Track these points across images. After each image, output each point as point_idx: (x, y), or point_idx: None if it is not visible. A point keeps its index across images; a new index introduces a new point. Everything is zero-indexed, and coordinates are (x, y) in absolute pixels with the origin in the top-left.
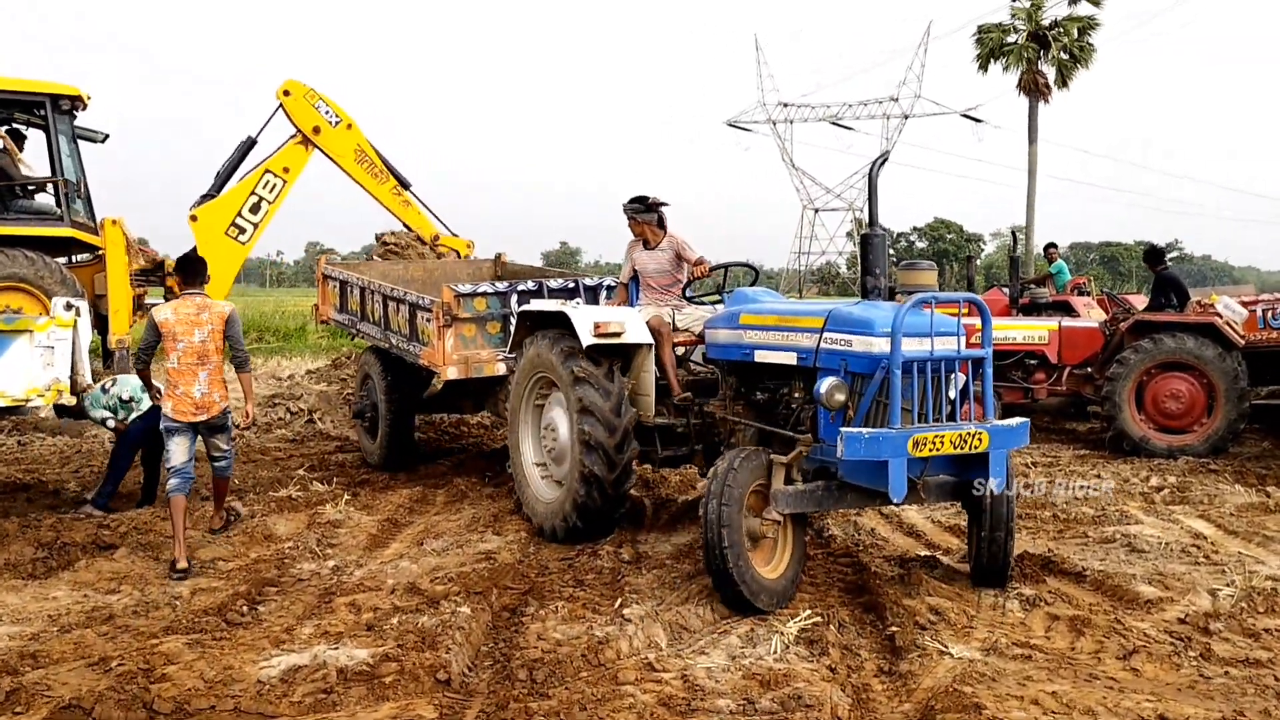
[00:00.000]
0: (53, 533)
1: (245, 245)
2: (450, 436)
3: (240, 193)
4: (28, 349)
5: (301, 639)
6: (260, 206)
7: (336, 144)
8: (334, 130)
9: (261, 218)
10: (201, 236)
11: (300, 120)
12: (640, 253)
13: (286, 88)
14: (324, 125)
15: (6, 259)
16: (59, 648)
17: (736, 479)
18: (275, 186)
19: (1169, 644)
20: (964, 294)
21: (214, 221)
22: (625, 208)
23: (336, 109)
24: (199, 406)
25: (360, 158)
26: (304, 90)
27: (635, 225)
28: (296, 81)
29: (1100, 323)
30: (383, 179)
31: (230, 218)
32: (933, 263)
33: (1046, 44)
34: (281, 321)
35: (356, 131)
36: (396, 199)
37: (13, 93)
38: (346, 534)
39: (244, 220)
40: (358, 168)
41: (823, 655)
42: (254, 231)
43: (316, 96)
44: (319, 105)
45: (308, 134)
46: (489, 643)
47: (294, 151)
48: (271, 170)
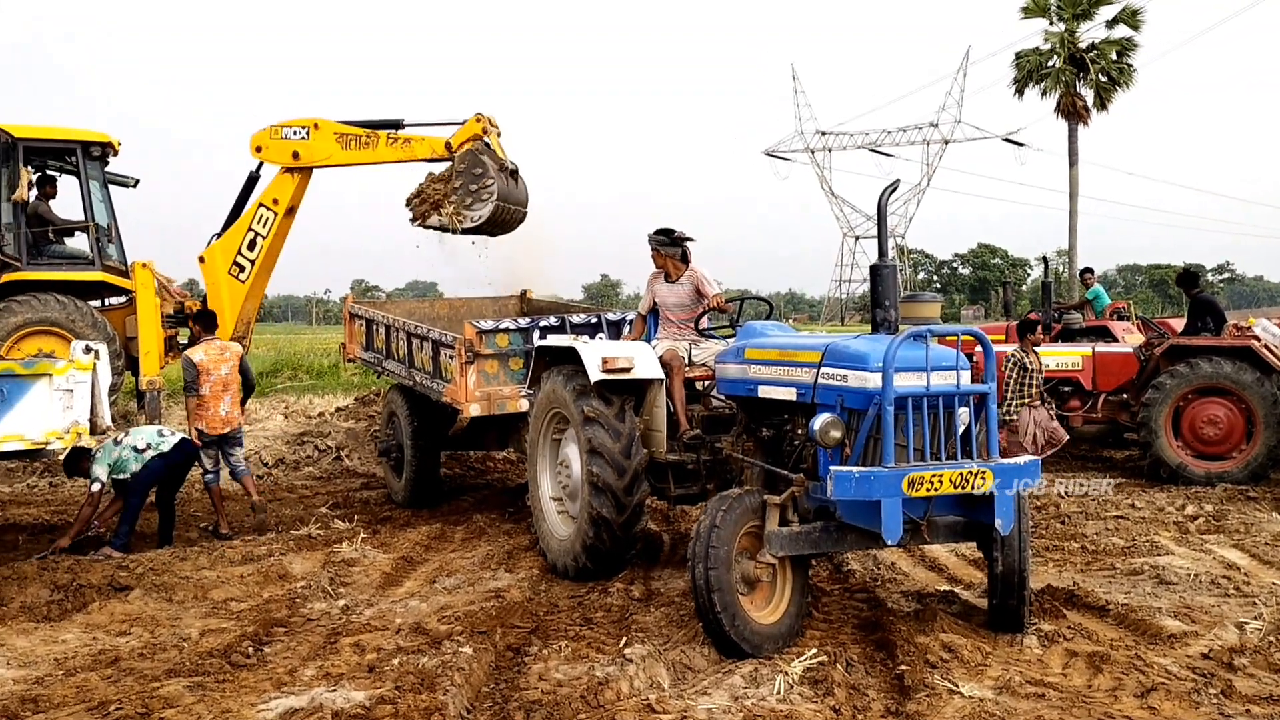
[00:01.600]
0: (69, 575)
1: (244, 284)
2: (475, 472)
3: (239, 230)
4: (47, 392)
5: (303, 681)
6: (256, 243)
7: (317, 151)
8: (308, 142)
9: (258, 254)
10: (209, 278)
11: (277, 158)
12: (661, 285)
13: (256, 144)
14: (299, 146)
15: (39, 303)
16: (61, 691)
17: (720, 537)
18: (267, 220)
19: (1190, 681)
20: (963, 326)
21: (219, 262)
22: (650, 239)
23: (299, 122)
24: (225, 422)
25: (344, 142)
26: (268, 133)
27: (658, 257)
28: (259, 132)
29: (1135, 348)
30: (373, 142)
31: (231, 257)
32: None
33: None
34: (314, 359)
35: (326, 125)
36: (394, 148)
37: (47, 141)
38: (360, 572)
39: (242, 258)
40: (346, 153)
41: (828, 695)
42: (251, 269)
43: (279, 129)
44: (285, 133)
45: (289, 163)
46: (490, 683)
47: (281, 181)
48: (264, 204)
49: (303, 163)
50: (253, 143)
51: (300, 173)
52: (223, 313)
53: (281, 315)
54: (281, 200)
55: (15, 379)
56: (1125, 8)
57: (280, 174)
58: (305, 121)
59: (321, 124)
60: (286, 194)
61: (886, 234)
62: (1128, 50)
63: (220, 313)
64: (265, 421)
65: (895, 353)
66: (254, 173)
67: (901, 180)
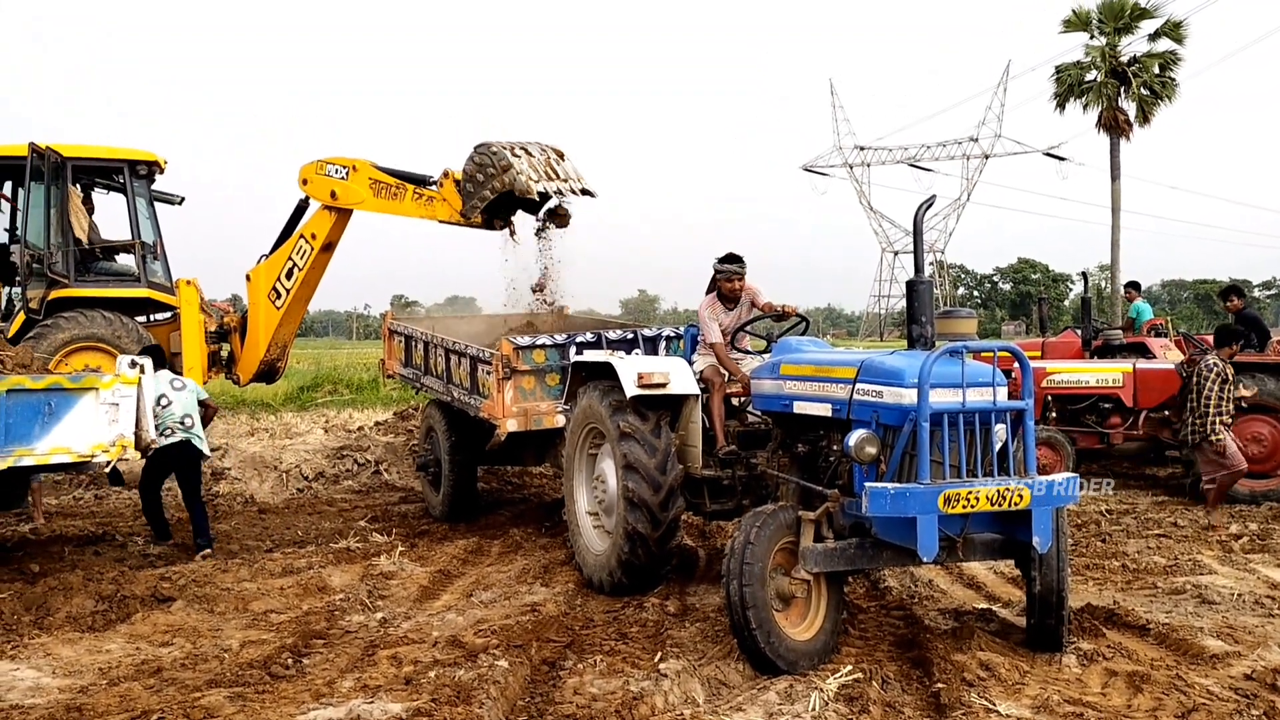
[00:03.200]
0: (114, 586)
1: (279, 310)
2: (513, 486)
3: (280, 258)
4: (93, 406)
5: (341, 692)
6: (293, 273)
7: (353, 194)
8: (346, 183)
9: (293, 284)
10: (251, 297)
11: (319, 194)
12: (722, 311)
13: (303, 176)
14: (337, 186)
15: (86, 319)
16: (105, 700)
17: (755, 553)
18: (305, 253)
19: (1232, 701)
20: (1000, 342)
21: (262, 283)
22: (725, 269)
23: (341, 161)
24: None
25: (376, 190)
26: (314, 168)
27: (731, 284)
28: (306, 165)
29: (1176, 364)
30: (400, 194)
31: (271, 283)
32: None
33: (1126, 80)
34: (353, 374)
35: (364, 168)
36: (419, 204)
37: (93, 160)
38: (398, 585)
39: (280, 285)
40: (377, 201)
41: (863, 713)
42: (287, 297)
43: (324, 165)
44: (328, 170)
45: (327, 201)
46: (525, 697)
47: (320, 217)
48: (303, 236)
49: (339, 203)
50: (300, 174)
51: (339, 211)
52: (256, 333)
53: (322, 330)
54: (319, 235)
55: (63, 393)
56: (1168, 21)
57: (321, 209)
58: (346, 162)
59: (360, 166)
60: (324, 230)
61: (923, 250)
62: (1171, 64)
63: (254, 333)
64: (305, 435)
65: (931, 369)
66: (303, 201)
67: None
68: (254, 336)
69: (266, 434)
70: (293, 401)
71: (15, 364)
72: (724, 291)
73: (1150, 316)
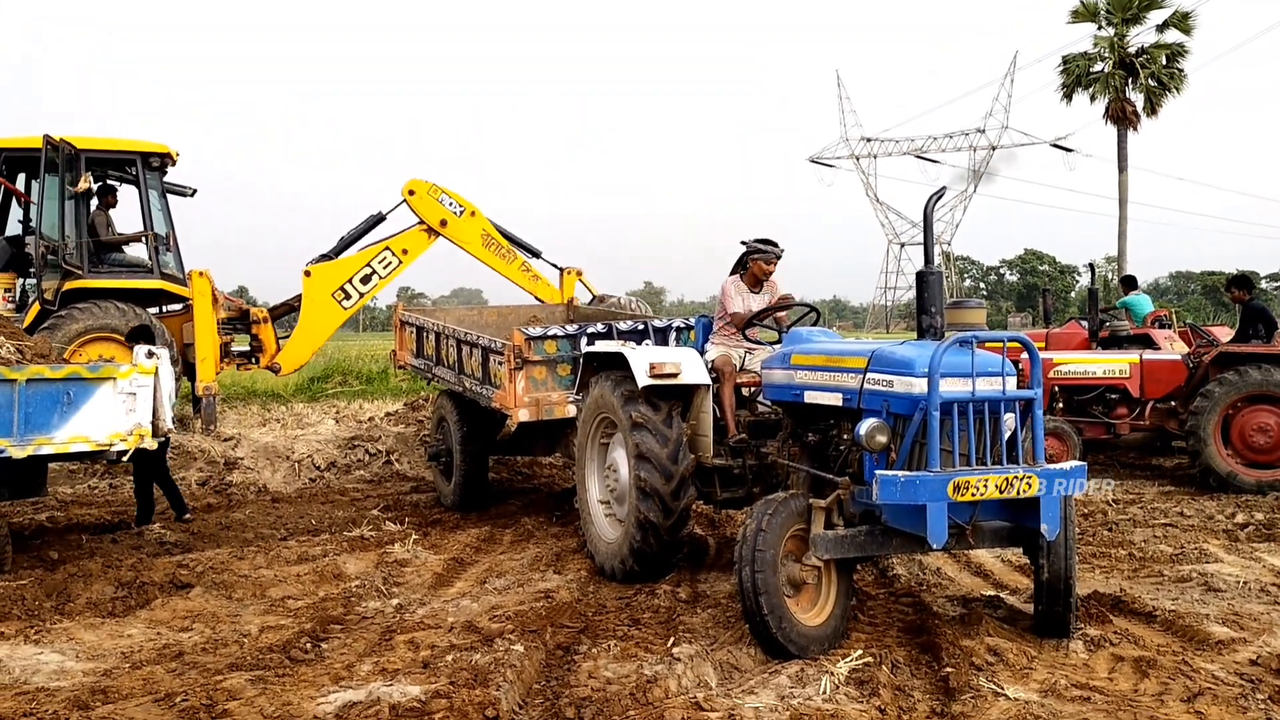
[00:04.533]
0: (133, 572)
1: (347, 310)
2: (523, 476)
3: (357, 262)
4: (111, 395)
5: (360, 676)
6: (371, 279)
7: (463, 233)
8: (459, 220)
9: (369, 289)
10: (309, 293)
11: (427, 215)
12: (746, 293)
13: (410, 187)
14: (450, 217)
15: (99, 310)
16: (129, 683)
17: (766, 540)
18: (391, 264)
19: (1237, 686)
20: (1009, 333)
21: (325, 282)
22: (764, 248)
23: (459, 199)
24: None
25: (487, 242)
26: (427, 187)
27: (765, 265)
28: (420, 180)
29: (1183, 355)
30: (510, 257)
31: (340, 282)
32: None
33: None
34: (363, 365)
35: (481, 218)
36: (525, 275)
37: (106, 152)
38: (413, 573)
39: (352, 288)
40: (485, 251)
41: (873, 696)
42: (358, 300)
43: (440, 191)
44: (443, 199)
45: (434, 226)
46: (540, 680)
47: (417, 237)
48: (392, 249)
49: (444, 234)
50: (408, 185)
51: (435, 235)
52: (313, 328)
53: None
54: (411, 253)
55: (81, 382)
56: (1176, 12)
57: (419, 230)
58: (464, 202)
59: (477, 215)
60: (419, 250)
61: (933, 241)
62: (1179, 55)
63: (310, 328)
64: (317, 426)
65: (941, 358)
66: (382, 213)
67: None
68: (310, 331)
69: (278, 424)
70: (303, 392)
71: (34, 354)
72: (757, 273)
73: (1150, 309)
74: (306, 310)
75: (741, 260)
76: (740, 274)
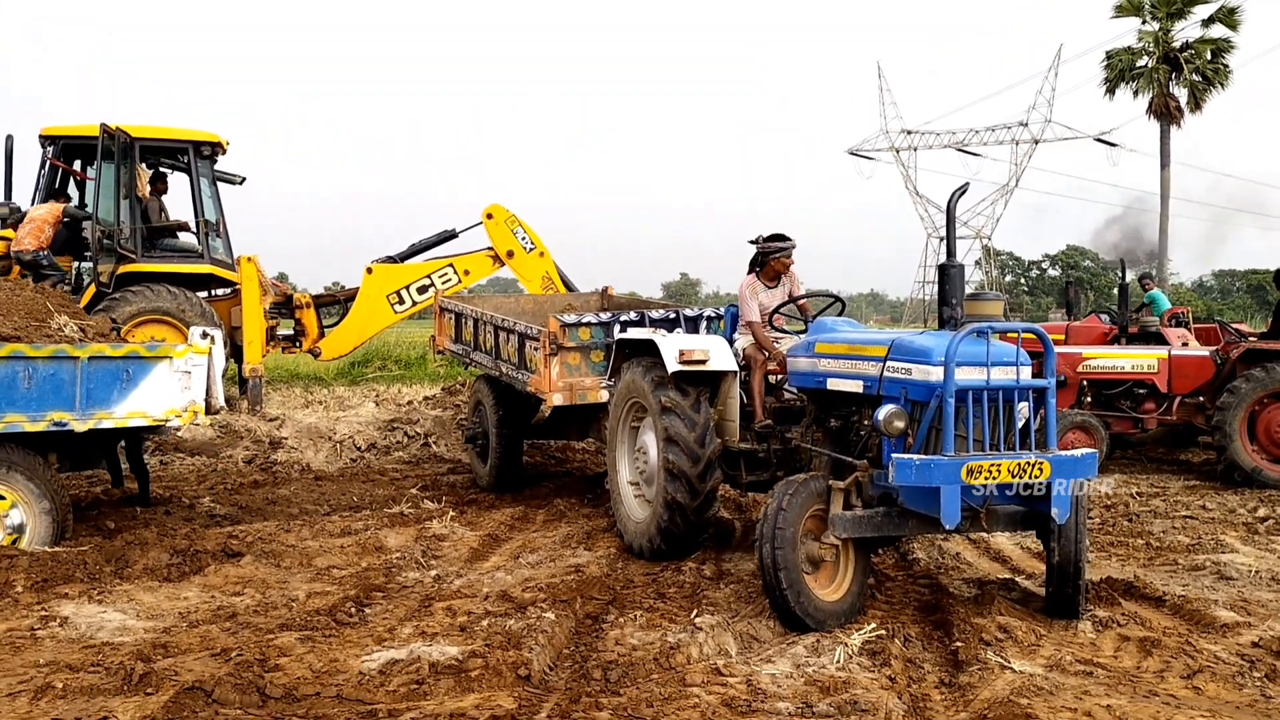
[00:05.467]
0: (186, 541)
1: (398, 315)
2: (557, 460)
3: (418, 271)
4: (167, 373)
5: (401, 637)
6: (427, 290)
7: (526, 268)
8: (527, 256)
9: (423, 300)
10: (367, 289)
11: (497, 243)
12: (763, 293)
13: (490, 211)
14: (518, 250)
15: (152, 294)
16: (186, 640)
17: (787, 519)
18: (450, 281)
19: (1236, 665)
20: (1024, 324)
21: (385, 283)
22: (775, 245)
23: (533, 235)
24: None
25: (546, 284)
26: (505, 215)
27: (785, 260)
28: (500, 207)
29: (1212, 351)
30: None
31: (398, 287)
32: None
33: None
34: (402, 351)
35: (548, 259)
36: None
37: (159, 140)
38: (450, 547)
39: (407, 295)
40: (540, 290)
41: (885, 666)
42: (410, 307)
43: (516, 223)
44: (517, 231)
45: (501, 255)
46: (570, 646)
47: (481, 261)
48: (454, 267)
49: (509, 264)
50: (488, 209)
51: (499, 264)
52: (362, 323)
53: None
54: (473, 275)
55: (140, 360)
56: (1222, 7)
57: (486, 255)
58: (537, 240)
59: (546, 256)
60: (480, 274)
61: (955, 235)
62: (1224, 50)
63: (360, 321)
64: (358, 408)
65: (957, 348)
66: (455, 231)
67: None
68: (357, 325)
69: (321, 406)
70: (344, 376)
71: (95, 333)
72: (778, 268)
73: (1167, 306)
74: (359, 305)
75: (756, 259)
76: (757, 272)
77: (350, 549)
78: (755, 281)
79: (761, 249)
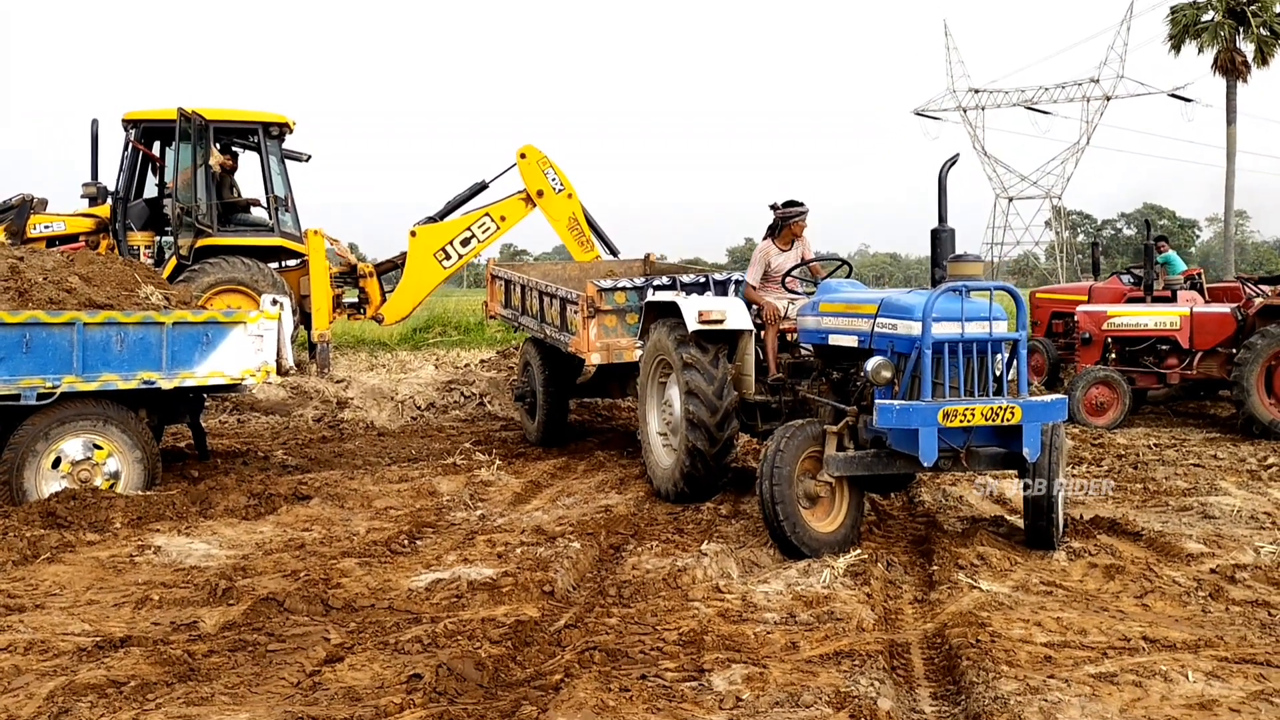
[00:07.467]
0: (261, 486)
1: (446, 270)
2: (602, 419)
3: (458, 225)
4: (242, 337)
5: (446, 564)
6: (470, 242)
7: (554, 208)
8: (555, 196)
9: (468, 252)
10: (414, 251)
11: (529, 182)
12: (775, 255)
13: (524, 151)
14: (548, 190)
15: (228, 265)
16: (262, 564)
17: (784, 458)
18: (489, 229)
19: (1187, 587)
20: (997, 283)
21: (429, 242)
22: (791, 211)
23: (562, 177)
24: None
25: (572, 225)
26: (538, 156)
27: (800, 224)
28: (534, 147)
29: (1233, 307)
30: (587, 248)
31: (442, 244)
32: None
33: (1245, 21)
34: (461, 317)
35: (575, 201)
36: (592, 262)
37: (232, 122)
38: (495, 491)
39: (452, 249)
40: (567, 233)
41: (865, 585)
42: (457, 260)
43: (548, 164)
44: (548, 172)
45: (531, 195)
46: (592, 570)
47: (515, 205)
48: (491, 215)
49: (539, 204)
50: (521, 149)
51: (531, 205)
52: (416, 284)
53: None
54: (509, 220)
55: (218, 325)
56: None
57: (518, 198)
58: (566, 182)
59: (574, 198)
60: (516, 218)
61: (947, 203)
62: None
63: (413, 283)
64: (418, 371)
65: (934, 304)
66: (485, 181)
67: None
68: (412, 287)
69: (384, 369)
70: (407, 341)
71: (178, 301)
72: (796, 231)
73: (1183, 268)
74: (410, 268)
75: (774, 225)
76: (773, 237)
77: (406, 493)
78: (770, 246)
79: (779, 214)
